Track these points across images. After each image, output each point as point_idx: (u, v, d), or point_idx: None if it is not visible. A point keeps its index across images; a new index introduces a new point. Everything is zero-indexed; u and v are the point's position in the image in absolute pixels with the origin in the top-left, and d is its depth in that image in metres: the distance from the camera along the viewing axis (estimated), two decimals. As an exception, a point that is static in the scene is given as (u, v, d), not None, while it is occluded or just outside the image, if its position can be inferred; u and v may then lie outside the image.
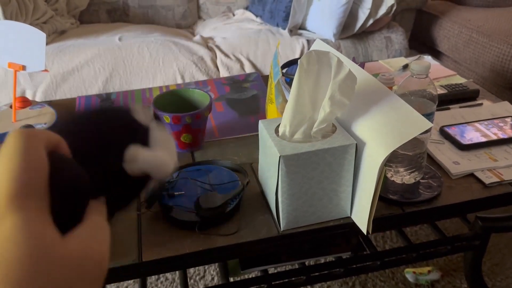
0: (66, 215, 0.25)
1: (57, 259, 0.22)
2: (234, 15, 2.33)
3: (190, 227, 0.74)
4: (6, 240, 0.21)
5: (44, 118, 1.08)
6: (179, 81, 1.76)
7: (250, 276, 0.96)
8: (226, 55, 1.86)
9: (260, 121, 0.78)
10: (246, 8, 2.31)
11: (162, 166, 0.32)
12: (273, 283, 0.93)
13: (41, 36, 1.00)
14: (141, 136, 0.33)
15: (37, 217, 0.23)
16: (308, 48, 1.90)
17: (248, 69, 1.84)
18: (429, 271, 1.34)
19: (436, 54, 2.29)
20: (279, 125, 0.75)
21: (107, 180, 0.30)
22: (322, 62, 0.69)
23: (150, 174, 0.31)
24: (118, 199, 0.31)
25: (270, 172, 0.75)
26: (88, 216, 0.26)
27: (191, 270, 1.37)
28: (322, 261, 1.05)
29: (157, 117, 0.35)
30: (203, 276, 1.36)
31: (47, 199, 0.24)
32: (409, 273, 1.35)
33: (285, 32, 1.96)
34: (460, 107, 1.14)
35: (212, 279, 1.36)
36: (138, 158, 0.31)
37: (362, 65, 1.32)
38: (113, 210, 0.30)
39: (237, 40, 1.93)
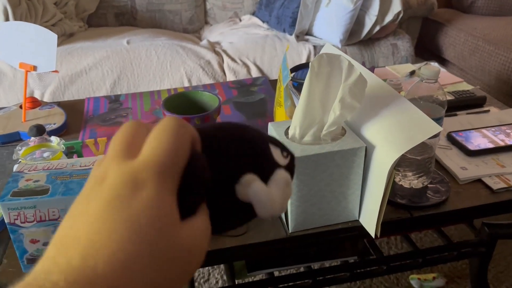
0: (186, 203, 0.26)
1: (173, 241, 0.24)
2: (241, 20, 2.34)
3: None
4: (143, 208, 0.23)
5: (54, 118, 1.09)
6: (186, 84, 1.77)
7: (256, 279, 0.96)
8: (233, 59, 1.87)
9: (269, 123, 0.78)
10: (253, 14, 2.33)
11: (270, 206, 0.31)
12: (279, 286, 0.93)
13: (53, 37, 1.01)
14: (265, 171, 0.32)
15: (170, 195, 0.24)
16: (315, 54, 1.91)
17: (255, 73, 1.85)
18: (434, 278, 1.34)
19: (442, 62, 2.30)
20: (288, 127, 0.76)
21: (218, 192, 0.30)
22: (333, 65, 0.70)
23: (254, 207, 0.31)
24: (220, 217, 0.31)
25: (279, 174, 0.75)
26: (200, 213, 0.27)
27: (195, 273, 1.37)
28: (328, 265, 1.05)
29: (292, 168, 0.34)
30: (208, 279, 1.36)
31: (178, 182, 0.25)
32: (414, 280, 1.34)
33: (292, 38, 1.97)
34: (467, 113, 1.15)
35: (217, 282, 1.35)
36: (252, 186, 0.30)
37: (372, 69, 1.33)
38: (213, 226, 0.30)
39: (244, 45, 1.94)
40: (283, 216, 0.76)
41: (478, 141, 0.99)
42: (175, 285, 0.24)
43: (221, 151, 0.31)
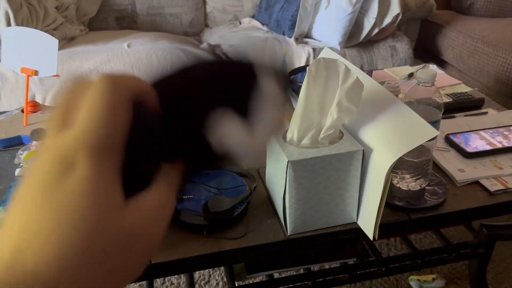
0: (134, 177, 0.23)
1: (115, 229, 0.21)
2: (240, 23, 2.35)
3: (198, 230, 0.75)
4: (74, 192, 0.20)
5: (55, 122, 1.09)
6: (186, 87, 1.78)
7: (256, 281, 0.97)
8: (233, 62, 1.88)
9: (268, 127, 0.79)
10: (253, 17, 2.34)
11: (250, 158, 0.26)
12: (278, 287, 0.94)
13: (54, 41, 1.02)
14: (248, 102, 0.26)
15: (108, 174, 0.21)
16: (314, 57, 1.92)
17: (255, 76, 1.86)
18: (433, 279, 1.34)
19: (441, 64, 2.31)
20: (286, 131, 0.77)
21: (188, 144, 0.25)
22: (330, 69, 0.71)
23: (233, 158, 0.26)
24: (193, 166, 0.26)
25: (277, 177, 0.76)
26: (157, 184, 0.24)
27: (196, 275, 1.38)
28: (327, 266, 1.06)
29: (293, 88, 0.28)
30: (208, 281, 1.37)
31: (120, 155, 0.22)
32: (414, 281, 1.35)
33: (291, 40, 1.98)
34: (465, 115, 1.15)
35: (217, 284, 1.36)
36: (229, 138, 0.25)
37: (370, 73, 1.34)
38: (186, 175, 0.26)
39: (244, 48, 1.95)
40: (282, 219, 0.77)
41: (476, 143, 1.00)
42: (128, 275, 0.22)
43: (191, 96, 0.26)
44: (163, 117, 0.25)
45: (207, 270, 1.40)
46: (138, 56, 1.79)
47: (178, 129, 0.25)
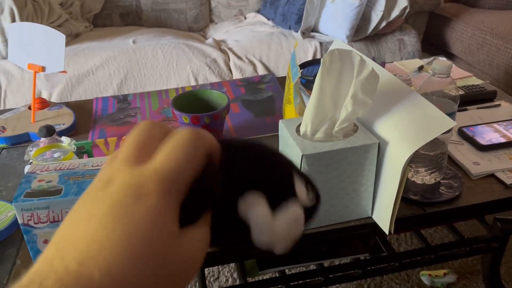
0: (187, 213, 0.25)
1: (171, 253, 0.23)
2: (245, 18, 2.33)
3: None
4: (143, 217, 0.23)
5: (62, 119, 1.09)
6: (193, 83, 1.77)
7: (267, 277, 0.95)
8: (239, 57, 1.86)
9: (280, 120, 0.78)
10: (258, 11, 2.32)
11: (267, 235, 0.28)
12: (291, 283, 0.93)
13: (61, 37, 1.01)
14: (277, 197, 0.29)
15: (172, 206, 0.24)
16: (321, 51, 1.90)
17: (261, 71, 1.85)
18: (445, 274, 1.33)
19: (449, 57, 2.28)
20: (299, 125, 0.75)
21: (223, 203, 0.28)
22: (344, 61, 0.69)
23: (251, 230, 0.28)
24: (217, 229, 0.28)
25: (290, 172, 0.75)
26: (201, 223, 0.27)
27: (205, 271, 1.37)
28: (337, 262, 1.05)
29: (312, 211, 0.31)
30: (218, 278, 1.36)
31: (184, 193, 0.25)
32: (425, 276, 1.34)
33: (298, 35, 1.97)
34: (478, 108, 1.14)
35: (227, 280, 1.35)
36: (254, 206, 0.28)
37: (382, 64, 1.32)
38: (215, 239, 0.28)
39: (250, 43, 1.94)
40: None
41: (489, 135, 0.98)
42: None
43: (238, 164, 0.29)
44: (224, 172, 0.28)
45: (217, 266, 1.39)
46: (143, 52, 1.78)
47: (225, 191, 0.28)
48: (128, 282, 0.21)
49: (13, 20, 1.73)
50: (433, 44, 2.39)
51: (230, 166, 0.28)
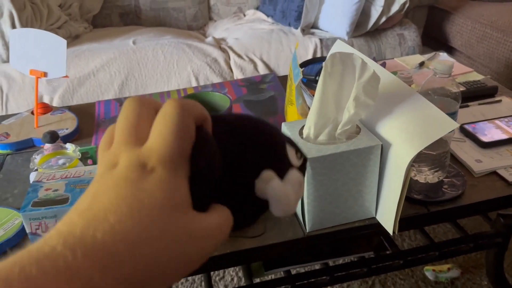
0: (197, 192, 0.25)
1: (179, 225, 0.23)
2: (245, 15, 2.33)
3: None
4: (151, 188, 0.23)
5: (66, 123, 1.09)
6: (194, 83, 1.77)
7: (273, 277, 0.96)
8: (239, 56, 1.86)
9: (283, 123, 0.78)
10: (257, 8, 2.32)
11: (286, 204, 0.30)
12: (296, 283, 0.94)
13: (62, 42, 1.02)
14: (281, 169, 0.31)
15: (180, 179, 0.24)
16: (321, 48, 1.90)
17: (262, 69, 1.85)
18: (448, 269, 1.34)
19: (449, 50, 2.28)
20: (302, 127, 0.76)
21: (236, 188, 0.29)
22: (346, 64, 0.69)
23: (270, 204, 0.30)
24: (241, 214, 0.30)
25: (294, 174, 0.75)
26: (218, 209, 0.27)
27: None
28: (342, 261, 1.06)
29: (304, 170, 0.34)
30: (223, 277, 1.37)
31: (187, 169, 0.25)
32: (429, 271, 1.34)
33: (298, 32, 1.96)
34: (479, 104, 1.14)
35: (232, 279, 1.36)
36: (270, 183, 0.30)
37: (383, 64, 1.32)
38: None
39: (250, 41, 1.94)
40: (300, 216, 0.77)
41: (491, 132, 0.99)
42: (181, 269, 0.24)
43: (243, 142, 0.30)
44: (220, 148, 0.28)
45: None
46: (144, 53, 1.78)
47: (225, 168, 0.28)
48: (131, 242, 0.22)
49: (13, 23, 1.73)
50: (433, 38, 2.38)
51: (228, 144, 0.29)
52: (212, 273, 1.37)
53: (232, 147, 0.29)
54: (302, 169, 0.34)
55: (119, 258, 0.21)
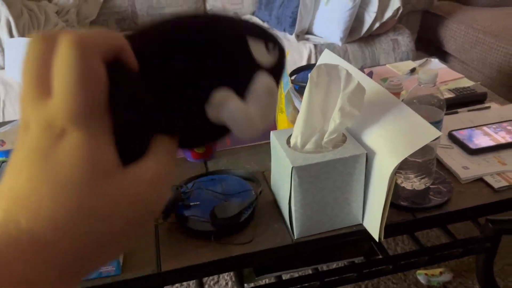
0: (125, 143, 0.22)
1: (110, 192, 0.21)
2: (241, 21, 2.35)
3: (206, 236, 0.76)
4: (66, 158, 0.21)
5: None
6: (189, 88, 1.78)
7: (264, 283, 0.98)
8: (235, 61, 1.88)
9: (271, 132, 0.80)
10: (253, 14, 2.33)
11: (249, 126, 0.25)
12: (287, 288, 0.95)
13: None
14: (241, 80, 0.25)
15: (99, 137, 0.21)
16: (316, 53, 1.92)
17: (257, 75, 1.86)
18: (441, 273, 1.35)
19: (443, 55, 2.30)
20: (290, 135, 0.77)
21: (182, 114, 0.24)
22: (331, 75, 0.71)
23: (231, 129, 0.25)
24: (189, 139, 0.25)
25: (282, 182, 0.77)
26: (154, 152, 0.24)
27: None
28: (334, 266, 1.07)
29: (279, 68, 0.27)
30: (217, 281, 1.39)
31: (107, 120, 0.22)
32: (421, 275, 1.36)
33: (292, 37, 1.98)
34: (468, 110, 1.15)
35: (226, 284, 1.38)
36: (226, 107, 0.24)
37: (370, 74, 1.34)
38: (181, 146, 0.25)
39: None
40: (288, 222, 0.78)
41: (479, 139, 1.00)
42: (124, 241, 0.23)
43: (181, 59, 0.24)
44: (148, 75, 0.23)
45: (216, 270, 1.41)
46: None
47: (167, 90, 0.24)
48: (62, 226, 0.20)
49: (10, 30, 1.75)
50: (427, 42, 2.40)
51: (170, 61, 0.24)
52: (206, 277, 1.38)
53: (171, 66, 0.24)
54: (276, 68, 0.27)
55: (49, 245, 0.20)
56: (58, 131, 0.21)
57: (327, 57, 0.88)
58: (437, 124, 0.79)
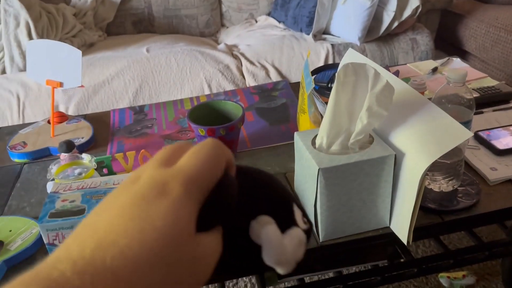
0: (205, 217, 0.26)
1: (186, 249, 0.24)
2: (256, 21, 2.34)
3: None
4: (163, 210, 0.24)
5: (81, 132, 1.11)
6: (206, 90, 1.78)
7: (286, 285, 0.96)
8: (251, 62, 1.87)
9: (295, 133, 0.79)
10: (269, 14, 2.32)
11: (279, 253, 0.30)
12: (310, 292, 0.94)
13: (77, 53, 1.03)
14: (283, 223, 0.31)
15: (192, 205, 0.25)
16: (333, 53, 1.90)
17: (274, 75, 1.85)
18: (464, 276, 1.32)
19: (463, 54, 2.26)
20: (315, 137, 0.76)
21: (235, 225, 0.30)
22: (359, 74, 0.70)
23: (262, 249, 0.30)
24: (228, 249, 0.30)
25: (307, 184, 0.76)
26: (215, 231, 0.28)
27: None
28: (355, 269, 1.05)
29: (308, 235, 0.34)
30: (236, 283, 1.38)
31: (204, 196, 0.26)
32: (444, 278, 1.33)
33: (309, 38, 1.97)
34: (494, 110, 1.13)
35: (245, 286, 1.37)
36: (266, 227, 0.30)
37: (396, 73, 1.32)
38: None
39: (262, 47, 1.94)
40: (313, 225, 0.77)
41: (506, 139, 0.98)
42: None
43: (249, 188, 0.31)
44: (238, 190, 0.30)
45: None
46: (157, 61, 1.80)
47: (240, 204, 0.30)
48: (140, 268, 0.22)
49: (29, 33, 1.76)
50: (447, 42, 2.37)
51: (241, 189, 0.30)
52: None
53: (243, 191, 0.30)
54: (306, 233, 0.33)
55: (127, 284, 0.21)
56: (166, 189, 0.24)
57: (351, 57, 0.86)
58: (466, 124, 0.77)
